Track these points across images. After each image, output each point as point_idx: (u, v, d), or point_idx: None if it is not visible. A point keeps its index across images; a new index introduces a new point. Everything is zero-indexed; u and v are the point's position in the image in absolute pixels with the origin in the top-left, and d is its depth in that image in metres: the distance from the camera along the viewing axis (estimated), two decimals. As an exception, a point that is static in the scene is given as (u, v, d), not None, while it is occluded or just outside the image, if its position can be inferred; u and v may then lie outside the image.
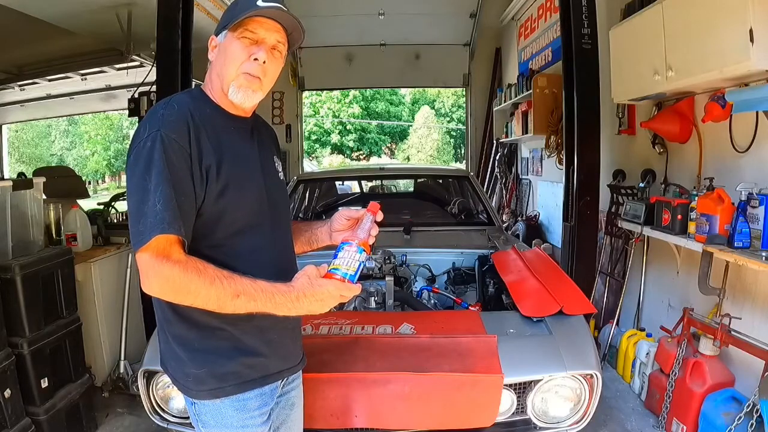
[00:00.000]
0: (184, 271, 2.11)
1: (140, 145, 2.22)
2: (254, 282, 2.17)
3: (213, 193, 2.28)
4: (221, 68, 2.41)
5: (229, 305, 2.15)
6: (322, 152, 45.19)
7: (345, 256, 2.29)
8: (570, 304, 3.62)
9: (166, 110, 2.30)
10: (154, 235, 2.11)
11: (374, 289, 4.34)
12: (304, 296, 2.20)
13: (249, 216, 2.41)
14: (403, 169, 10.86)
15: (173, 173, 2.19)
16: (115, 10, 7.92)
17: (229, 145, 2.39)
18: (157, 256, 2.12)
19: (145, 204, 2.14)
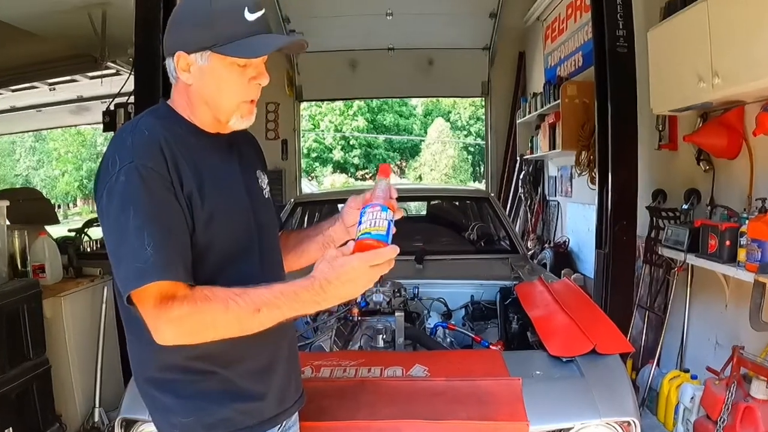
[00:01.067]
0: (194, 305, 2.10)
1: (112, 180, 2.18)
2: (270, 288, 2.14)
3: (200, 223, 2.28)
4: (214, 98, 2.37)
5: (254, 323, 2.13)
6: (323, 171, 45.29)
7: (369, 218, 2.23)
8: (604, 342, 3.63)
9: (134, 137, 2.27)
10: (148, 283, 2.09)
11: (382, 326, 4.35)
12: (328, 283, 2.13)
13: (237, 244, 2.41)
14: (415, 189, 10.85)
15: (160, 208, 2.18)
16: (88, 11, 7.90)
17: (209, 168, 2.37)
18: (162, 302, 2.10)
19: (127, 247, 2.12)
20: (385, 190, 2.36)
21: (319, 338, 4.35)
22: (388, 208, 2.26)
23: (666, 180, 6.83)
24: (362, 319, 4.54)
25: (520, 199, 12.76)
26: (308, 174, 41.68)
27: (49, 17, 7.78)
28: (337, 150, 45.12)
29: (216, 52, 2.29)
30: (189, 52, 2.33)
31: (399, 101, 44.33)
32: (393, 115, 45.31)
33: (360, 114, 44.63)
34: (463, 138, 46.30)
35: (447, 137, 45.57)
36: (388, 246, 2.17)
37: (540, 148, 11.08)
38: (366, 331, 4.40)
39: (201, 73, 2.34)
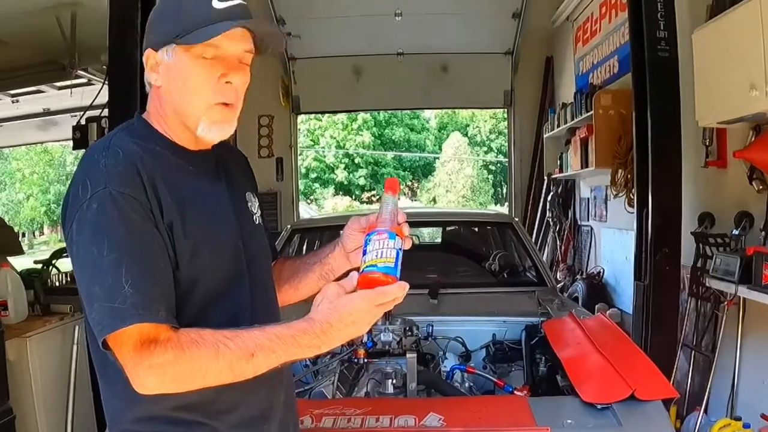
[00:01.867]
0: (179, 351, 2.06)
1: (83, 208, 2.16)
2: (264, 331, 2.13)
3: (184, 257, 2.26)
4: (179, 100, 2.36)
5: (248, 369, 2.11)
6: (324, 193, 45.31)
7: (375, 247, 2.22)
8: (644, 386, 3.63)
9: (108, 158, 2.24)
10: (126, 326, 2.06)
11: (392, 370, 4.36)
12: (330, 326, 2.13)
13: (225, 280, 2.39)
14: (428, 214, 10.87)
15: (139, 239, 2.16)
16: (55, 12, 7.89)
17: (192, 192, 2.36)
18: (142, 346, 2.06)
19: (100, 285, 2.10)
20: (392, 212, 2.35)
21: (320, 383, 4.36)
22: (397, 235, 2.25)
23: (714, 202, 6.82)
24: (369, 361, 4.54)
25: (548, 224, 12.76)
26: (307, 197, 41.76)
27: (9, 19, 7.77)
28: (339, 169, 45.20)
29: (178, 43, 2.30)
30: (156, 49, 2.36)
31: (410, 113, 44.40)
32: (403, 129, 45.43)
33: (365, 128, 44.74)
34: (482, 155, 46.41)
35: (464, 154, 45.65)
36: (396, 282, 2.18)
37: (570, 167, 11.10)
38: (373, 375, 4.40)
39: (167, 72, 2.36)
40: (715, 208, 6.73)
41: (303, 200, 28.64)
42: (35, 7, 7.64)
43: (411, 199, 46.97)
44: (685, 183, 6.00)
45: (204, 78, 2.31)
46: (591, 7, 11.08)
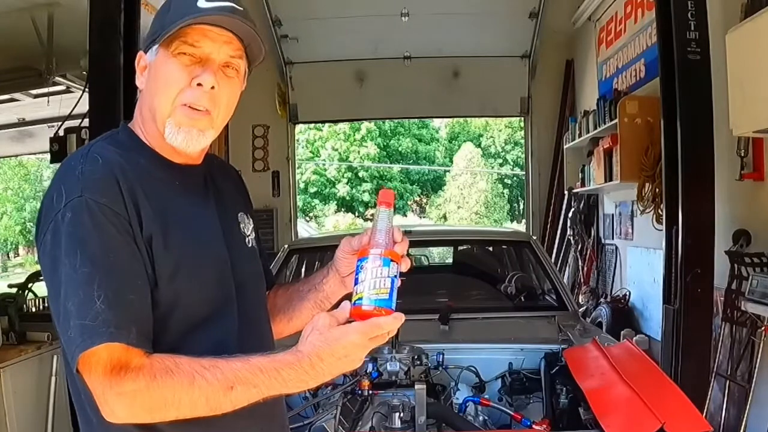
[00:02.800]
0: (151, 379, 2.05)
1: (57, 218, 2.16)
2: (246, 362, 2.11)
3: (163, 276, 2.25)
4: (152, 99, 2.38)
5: (225, 403, 2.09)
6: (325, 210, 45.29)
7: (368, 276, 2.19)
8: (675, 419, 3.63)
9: (86, 165, 2.24)
10: (94, 345, 2.05)
11: (399, 402, 4.36)
12: (320, 360, 2.11)
13: (209, 305, 2.38)
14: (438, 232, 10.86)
15: (115, 253, 2.15)
16: (30, 13, 7.89)
17: (176, 207, 2.36)
18: (113, 371, 2.05)
19: (72, 301, 2.09)
20: (387, 231, 2.31)
21: (320, 417, 4.36)
22: (392, 261, 2.23)
23: (750, 218, 6.83)
24: (374, 393, 4.54)
25: (569, 243, 12.75)
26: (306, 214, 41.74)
27: (-20, 22, 7.78)
28: (341, 184, 45.18)
29: (160, 42, 2.33)
30: (146, 51, 2.42)
31: (418, 123, 44.44)
32: (410, 139, 45.44)
33: (370, 139, 44.75)
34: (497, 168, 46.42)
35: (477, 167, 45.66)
36: (392, 313, 2.17)
37: (593, 180, 11.08)
38: (379, 408, 4.41)
39: (149, 71, 2.42)
40: (751, 225, 6.72)
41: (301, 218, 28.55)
42: (8, 8, 7.64)
43: (419, 216, 47.02)
44: (719, 197, 5.99)
45: (175, 76, 2.32)
46: (615, 6, 11.08)
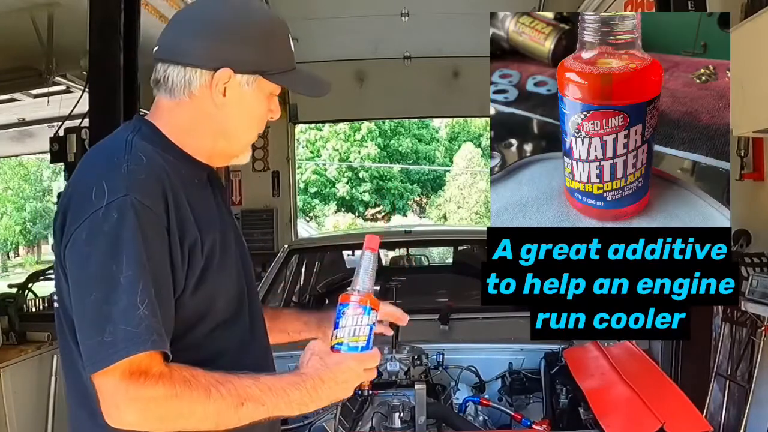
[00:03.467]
0: (171, 388, 2.03)
1: (98, 215, 2.09)
2: (256, 380, 2.13)
3: (192, 281, 2.24)
4: (236, 126, 2.41)
5: (232, 419, 2.09)
6: (325, 210, 45.25)
7: (347, 323, 2.24)
8: (675, 419, 3.63)
9: (131, 163, 2.19)
10: (139, 352, 2.01)
11: (399, 402, 4.35)
12: (322, 383, 2.16)
13: (230, 303, 2.39)
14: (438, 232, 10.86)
15: (152, 258, 2.10)
16: (30, 13, 7.87)
17: (201, 207, 2.34)
18: (131, 376, 2.01)
19: (114, 304, 2.02)
20: (369, 276, 2.33)
21: (320, 417, 4.35)
22: (372, 309, 2.27)
23: (750, 218, 6.81)
24: (374, 393, 4.53)
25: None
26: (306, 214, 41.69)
27: (-21, 22, 7.77)
28: (341, 184, 45.12)
29: (270, 79, 2.36)
30: (238, 72, 2.33)
31: (418, 123, 44.35)
32: (410, 139, 45.37)
33: (370, 139, 44.68)
34: (497, 167, 46.31)
35: (478, 167, 45.55)
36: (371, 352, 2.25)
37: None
38: (379, 408, 4.40)
39: (240, 97, 2.36)
40: (751, 225, 6.71)
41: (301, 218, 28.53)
42: (8, 8, 7.61)
43: (419, 216, 46.97)
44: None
45: (263, 114, 2.44)
46: (615, 5, 11.04)
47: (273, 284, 6.77)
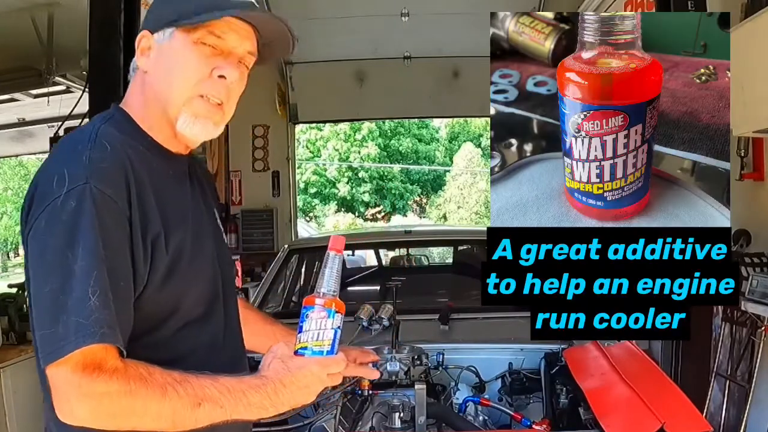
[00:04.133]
0: (125, 384, 2.01)
1: (57, 203, 2.08)
2: (215, 381, 2.11)
3: (158, 275, 2.21)
4: (164, 85, 2.33)
5: (189, 419, 2.06)
6: (325, 210, 45.19)
7: (311, 327, 2.22)
8: (675, 419, 3.62)
9: (94, 152, 2.16)
10: (86, 344, 1.98)
11: (399, 402, 4.35)
12: (283, 387, 2.14)
13: (204, 301, 2.38)
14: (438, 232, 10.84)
15: (109, 248, 2.08)
16: (30, 13, 7.87)
17: (173, 202, 2.32)
18: (84, 370, 1.99)
19: (67, 294, 2.01)
20: (335, 278, 2.32)
21: (320, 417, 4.35)
22: (336, 312, 2.26)
23: (750, 218, 6.80)
24: (374, 393, 4.52)
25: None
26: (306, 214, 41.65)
27: (-21, 22, 7.75)
28: (342, 184, 45.06)
29: (180, 26, 2.28)
30: (153, 31, 2.34)
31: (418, 123, 44.29)
32: (410, 139, 45.31)
33: (370, 139, 44.61)
34: (497, 167, 46.26)
35: (478, 167, 45.50)
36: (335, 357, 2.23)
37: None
38: (379, 408, 4.40)
39: (159, 54, 2.34)
40: (751, 225, 6.70)
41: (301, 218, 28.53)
42: (8, 8, 7.60)
43: (419, 216, 46.92)
44: (719, 197, 5.98)
45: (196, 65, 2.29)
46: (615, 5, 11.03)
47: (273, 284, 6.77)
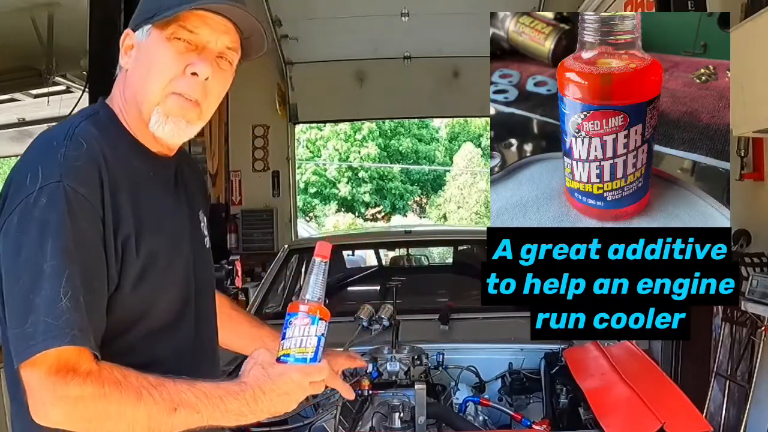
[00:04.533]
0: (100, 387, 1.98)
1: (30, 200, 2.05)
2: (193, 386, 2.08)
3: (129, 279, 2.18)
4: (140, 84, 2.29)
5: (165, 424, 2.04)
6: (325, 210, 45.14)
7: (294, 334, 2.19)
8: (675, 419, 3.62)
9: (69, 149, 2.14)
10: (55, 346, 1.96)
11: (399, 402, 4.35)
12: (262, 393, 2.11)
13: (173, 310, 2.34)
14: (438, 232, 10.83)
15: (82, 247, 2.06)
16: (30, 13, 7.86)
17: (150, 206, 2.28)
18: (58, 373, 1.96)
19: (37, 294, 1.98)
20: (321, 285, 2.31)
21: (320, 417, 4.34)
22: (320, 319, 2.24)
23: (750, 218, 6.80)
24: (374, 393, 4.52)
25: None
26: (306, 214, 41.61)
27: (-21, 22, 7.73)
28: (342, 184, 45.00)
29: (155, 22, 2.24)
30: (134, 29, 2.31)
31: (418, 123, 44.22)
32: (410, 139, 45.26)
33: (370, 139, 44.56)
34: (497, 167, 46.23)
35: (478, 167, 45.45)
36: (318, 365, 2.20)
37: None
38: (379, 408, 4.40)
39: (137, 51, 2.31)
40: (751, 225, 6.70)
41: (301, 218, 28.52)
42: (9, 8, 7.60)
43: (419, 216, 46.88)
44: (718, 197, 5.97)
45: (168, 61, 2.24)
46: (615, 6, 11.04)
47: (273, 284, 6.77)
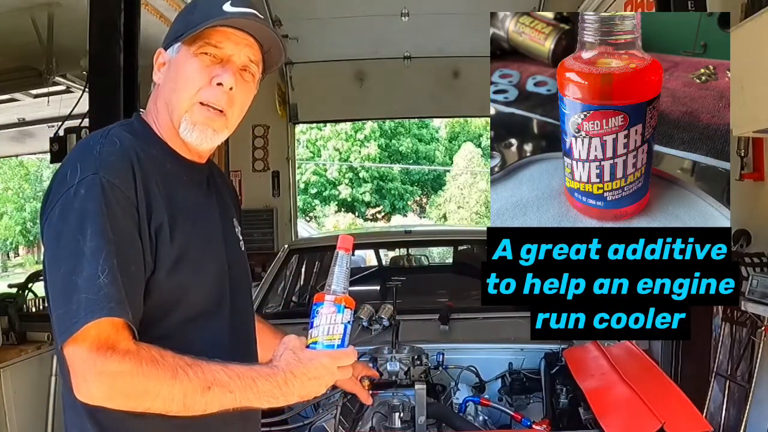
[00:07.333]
0: (138, 365, 2.05)
1: (70, 193, 2.17)
2: (226, 367, 2.16)
3: (165, 265, 2.27)
4: (170, 95, 2.41)
5: (199, 403, 2.11)
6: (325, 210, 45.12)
7: (321, 322, 2.27)
8: (675, 419, 3.62)
9: (104, 147, 2.27)
10: (95, 319, 2.04)
11: (399, 402, 4.34)
12: (294, 377, 2.17)
13: (207, 298, 2.41)
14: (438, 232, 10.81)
15: (118, 233, 2.15)
16: (30, 13, 7.85)
17: (184, 201, 2.39)
18: (99, 349, 2.04)
19: (78, 275, 2.08)
20: (345, 276, 2.35)
21: (320, 417, 4.34)
22: (346, 307, 2.30)
23: (750, 218, 6.80)
24: (374, 393, 4.51)
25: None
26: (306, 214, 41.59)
27: (-21, 21, 7.74)
28: (342, 184, 44.95)
29: (183, 40, 2.37)
30: (166, 48, 2.44)
31: (418, 123, 44.23)
32: (411, 139, 45.26)
33: (371, 139, 44.51)
34: (497, 167, 46.20)
35: (478, 167, 45.45)
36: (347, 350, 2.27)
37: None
38: (379, 408, 4.39)
39: (168, 67, 2.44)
40: (751, 225, 6.69)
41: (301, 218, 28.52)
42: (8, 7, 7.59)
43: (420, 216, 46.86)
44: (718, 197, 5.97)
45: (195, 73, 2.36)
46: (615, 6, 11.03)
47: (273, 284, 6.77)
